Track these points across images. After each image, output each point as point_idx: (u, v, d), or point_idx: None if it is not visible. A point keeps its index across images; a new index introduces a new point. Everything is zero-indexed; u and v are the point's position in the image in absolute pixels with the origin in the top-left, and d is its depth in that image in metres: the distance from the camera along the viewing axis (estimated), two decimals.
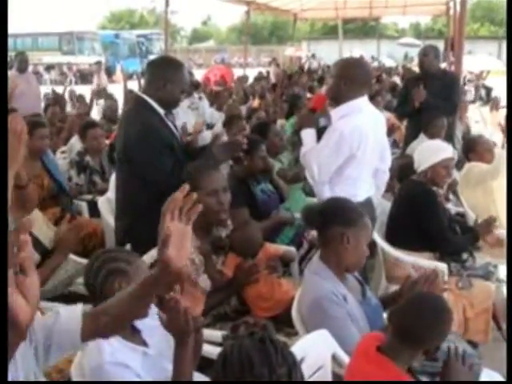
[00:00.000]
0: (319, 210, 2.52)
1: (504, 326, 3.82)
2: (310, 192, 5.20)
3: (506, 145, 4.52)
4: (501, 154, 4.49)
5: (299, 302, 2.52)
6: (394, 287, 3.67)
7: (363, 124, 3.25)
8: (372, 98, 6.72)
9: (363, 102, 3.35)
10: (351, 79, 3.28)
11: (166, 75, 3.20)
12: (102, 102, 10.20)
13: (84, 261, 3.31)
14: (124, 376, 1.88)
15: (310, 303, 2.40)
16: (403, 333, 1.97)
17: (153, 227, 2.91)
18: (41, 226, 3.26)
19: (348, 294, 2.39)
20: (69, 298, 2.99)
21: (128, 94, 6.72)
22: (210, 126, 8.31)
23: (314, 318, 2.37)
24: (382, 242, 3.72)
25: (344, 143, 3.19)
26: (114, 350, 1.92)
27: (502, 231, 4.13)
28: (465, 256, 3.82)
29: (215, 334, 2.55)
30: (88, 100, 9.43)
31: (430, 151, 3.78)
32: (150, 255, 2.86)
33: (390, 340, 1.99)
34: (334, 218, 2.42)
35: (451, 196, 5.26)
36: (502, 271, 4.56)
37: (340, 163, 3.26)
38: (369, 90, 3.53)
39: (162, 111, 3.24)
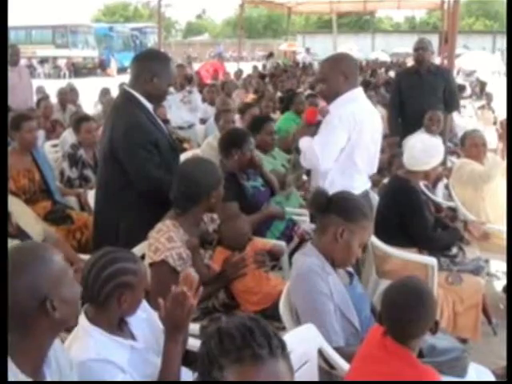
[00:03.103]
0: (328, 195, 2.52)
1: (494, 321, 3.85)
2: None
3: (503, 150, 4.47)
4: (494, 158, 4.46)
5: (288, 291, 2.52)
6: (384, 281, 3.69)
7: (360, 110, 3.30)
8: (365, 92, 6.71)
9: (359, 92, 3.40)
10: (349, 72, 3.31)
11: (152, 69, 3.17)
12: None
13: (84, 256, 3.28)
14: (108, 372, 1.87)
15: (296, 275, 2.43)
16: (394, 330, 1.99)
17: (139, 222, 2.95)
18: (29, 220, 3.24)
19: (332, 273, 2.40)
20: None
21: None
22: (203, 121, 8.31)
23: (299, 289, 2.39)
24: (371, 237, 3.71)
25: (343, 124, 3.22)
26: (99, 346, 1.91)
27: (488, 226, 4.16)
28: (454, 251, 3.82)
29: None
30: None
31: (427, 156, 3.70)
32: (138, 249, 2.86)
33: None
34: (337, 208, 2.43)
35: (444, 190, 5.28)
36: (493, 265, 4.58)
37: (342, 146, 3.27)
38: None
39: (149, 106, 3.22)
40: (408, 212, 3.64)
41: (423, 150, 3.68)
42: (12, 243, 3.01)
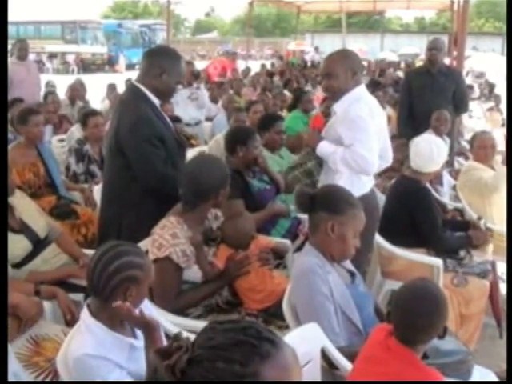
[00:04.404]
0: (311, 194, 2.50)
1: (504, 324, 3.81)
2: None
3: (506, 159, 4.41)
4: (501, 169, 4.40)
5: (290, 291, 2.50)
6: (389, 282, 3.67)
7: (373, 108, 3.26)
8: (373, 92, 6.68)
9: (364, 89, 3.35)
10: (358, 69, 3.28)
11: (162, 65, 3.16)
12: None
13: (88, 251, 3.27)
14: (104, 369, 1.87)
15: (295, 275, 2.42)
16: (404, 334, 1.97)
17: (142, 218, 2.94)
18: (33, 214, 3.22)
19: (333, 272, 2.39)
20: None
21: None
22: (207, 119, 8.32)
23: (299, 289, 2.38)
24: (376, 237, 3.69)
25: (369, 124, 3.14)
26: (98, 342, 1.90)
27: (492, 227, 4.14)
28: (462, 253, 3.80)
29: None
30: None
31: (438, 156, 3.68)
32: (141, 245, 2.84)
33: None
34: (322, 205, 2.42)
35: (451, 191, 5.25)
36: (499, 268, 4.55)
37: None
38: None
39: (156, 101, 3.21)
40: (420, 211, 3.64)
41: (433, 151, 3.65)
42: (15, 238, 3.01)
